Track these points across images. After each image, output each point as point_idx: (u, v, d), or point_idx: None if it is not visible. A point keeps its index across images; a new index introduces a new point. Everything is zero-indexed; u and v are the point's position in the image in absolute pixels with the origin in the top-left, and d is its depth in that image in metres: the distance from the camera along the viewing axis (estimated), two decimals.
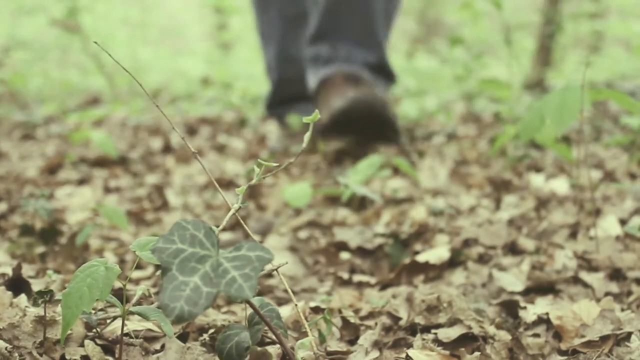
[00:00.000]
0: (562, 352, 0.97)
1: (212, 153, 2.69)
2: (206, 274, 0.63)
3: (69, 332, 0.90)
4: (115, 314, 0.95)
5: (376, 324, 1.02)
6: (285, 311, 1.08)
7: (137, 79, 0.86)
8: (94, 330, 0.92)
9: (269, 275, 1.12)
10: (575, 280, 1.20)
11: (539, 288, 1.19)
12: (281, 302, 1.20)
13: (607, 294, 1.14)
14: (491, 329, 0.99)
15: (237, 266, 0.63)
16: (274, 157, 2.39)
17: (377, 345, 0.98)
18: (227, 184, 2.12)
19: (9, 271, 1.15)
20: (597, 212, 1.53)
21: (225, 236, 1.58)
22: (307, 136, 0.86)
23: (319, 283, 1.32)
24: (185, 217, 0.67)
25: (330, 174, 2.11)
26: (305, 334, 0.81)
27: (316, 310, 1.09)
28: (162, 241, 0.64)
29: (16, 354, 0.84)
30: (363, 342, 0.96)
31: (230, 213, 0.84)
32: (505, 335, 0.99)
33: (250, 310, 0.80)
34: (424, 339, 0.95)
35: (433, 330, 0.99)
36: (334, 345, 0.94)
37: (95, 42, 0.89)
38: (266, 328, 1.01)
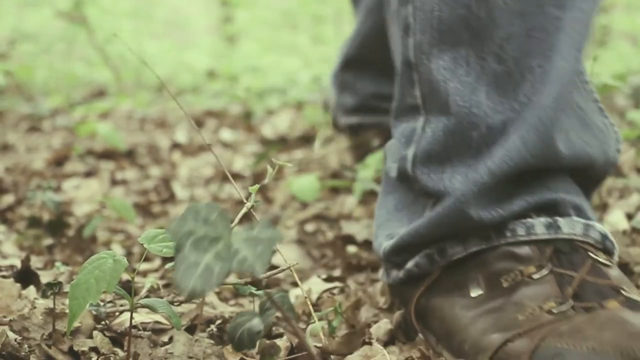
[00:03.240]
0: None
1: (218, 145, 2.69)
2: (218, 253, 0.65)
3: (78, 324, 0.91)
4: (124, 306, 0.95)
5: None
6: (292, 300, 1.08)
7: (143, 72, 0.86)
8: (103, 322, 0.93)
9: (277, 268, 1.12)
10: None
11: None
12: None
13: None
14: None
15: (249, 246, 0.64)
16: (277, 147, 2.39)
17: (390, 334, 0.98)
18: (233, 177, 2.12)
19: (17, 263, 1.15)
20: (604, 207, 1.53)
21: (235, 229, 1.58)
22: (317, 144, 0.86)
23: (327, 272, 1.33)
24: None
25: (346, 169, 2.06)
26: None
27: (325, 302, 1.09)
28: (176, 222, 0.66)
29: (25, 346, 0.84)
30: (375, 331, 0.97)
31: (243, 211, 0.84)
32: None
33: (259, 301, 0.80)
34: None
35: None
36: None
37: (115, 34, 0.89)
38: (274, 321, 1.01)
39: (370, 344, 0.87)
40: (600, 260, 0.85)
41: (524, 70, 0.89)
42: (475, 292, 0.87)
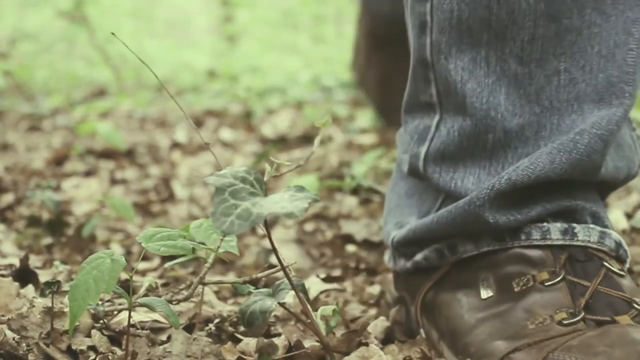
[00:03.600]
0: None
1: (218, 145, 2.69)
2: (256, 201, 0.67)
3: (77, 323, 0.91)
4: (122, 305, 0.95)
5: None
6: (291, 299, 1.09)
7: (143, 71, 0.86)
8: (101, 321, 0.93)
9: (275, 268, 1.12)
10: None
11: None
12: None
13: None
14: None
15: (285, 199, 0.68)
16: (277, 147, 2.39)
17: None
18: None
19: (16, 262, 1.15)
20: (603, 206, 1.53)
21: None
22: (317, 140, 0.86)
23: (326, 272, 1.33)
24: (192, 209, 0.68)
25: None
26: (311, 325, 0.81)
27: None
28: (215, 176, 0.69)
29: (23, 345, 0.84)
30: (372, 329, 0.97)
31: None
32: None
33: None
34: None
35: None
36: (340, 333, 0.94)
37: (113, 34, 0.89)
38: (272, 321, 1.01)
39: (367, 344, 0.87)
40: (614, 269, 0.84)
41: (549, 74, 0.86)
42: (485, 294, 0.86)
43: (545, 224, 0.86)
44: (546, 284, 0.82)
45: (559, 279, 0.82)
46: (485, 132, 0.89)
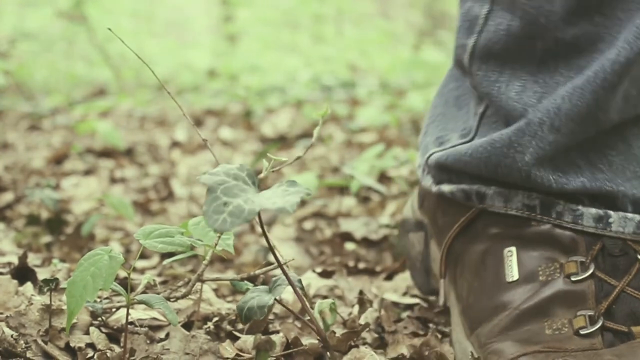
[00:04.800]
0: None
1: (218, 144, 2.69)
2: (248, 198, 0.67)
3: (75, 320, 0.91)
4: (121, 302, 0.95)
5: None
6: (289, 297, 1.09)
7: (143, 71, 0.87)
8: (99, 318, 0.93)
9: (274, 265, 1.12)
10: None
11: None
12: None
13: None
14: None
15: (278, 195, 0.68)
16: (277, 146, 2.39)
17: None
18: None
19: (14, 260, 1.15)
20: None
21: None
22: (316, 130, 0.86)
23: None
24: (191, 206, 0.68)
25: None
26: (310, 322, 0.81)
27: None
28: (208, 174, 0.70)
29: (22, 342, 0.84)
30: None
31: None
32: None
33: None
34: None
35: None
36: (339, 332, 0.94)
37: (109, 29, 0.89)
38: (271, 318, 1.01)
39: (357, 346, 0.87)
40: None
41: None
42: (509, 276, 0.82)
43: (579, 207, 0.81)
44: (573, 278, 0.79)
45: (587, 275, 0.78)
46: (533, 37, 0.82)
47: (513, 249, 0.83)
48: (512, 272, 0.82)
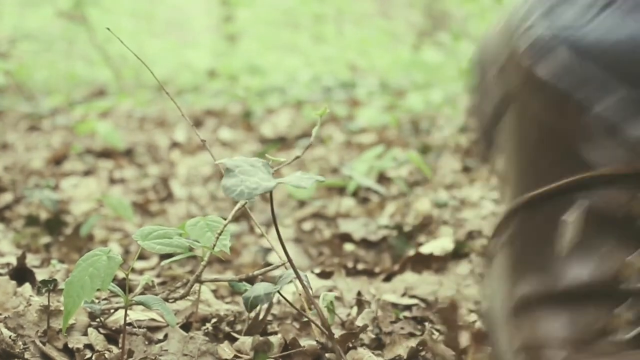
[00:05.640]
0: None
1: (217, 145, 2.69)
2: (265, 177, 0.72)
3: (73, 321, 0.91)
4: (119, 303, 0.95)
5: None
6: (288, 297, 1.09)
7: (143, 71, 0.87)
8: (98, 319, 0.93)
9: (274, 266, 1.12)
10: None
11: None
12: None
13: None
14: None
15: (293, 178, 0.72)
16: (276, 146, 2.39)
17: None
18: None
19: (13, 261, 1.15)
20: None
21: (232, 228, 1.58)
22: (315, 129, 0.86)
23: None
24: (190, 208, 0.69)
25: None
26: (307, 323, 0.82)
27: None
28: (227, 158, 0.73)
29: (20, 343, 0.84)
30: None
31: (237, 207, 0.84)
32: None
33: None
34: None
35: None
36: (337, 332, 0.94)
37: (108, 29, 0.89)
38: (269, 319, 1.01)
39: (355, 348, 0.87)
40: None
41: None
42: (564, 239, 0.68)
43: None
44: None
45: None
46: None
47: (576, 199, 0.69)
48: (568, 232, 0.69)
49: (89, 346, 0.87)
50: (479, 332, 0.80)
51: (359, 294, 1.04)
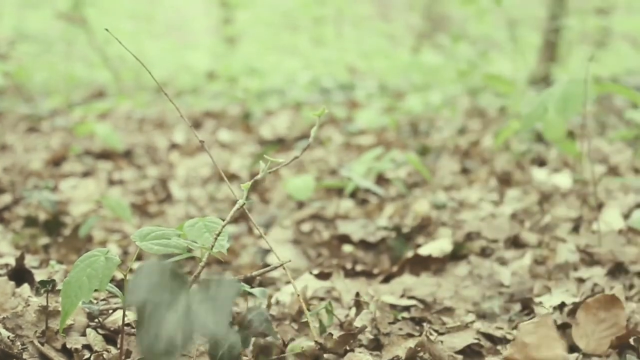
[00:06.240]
0: None
1: (216, 146, 2.69)
2: (179, 320, 0.64)
3: (71, 322, 0.91)
4: (117, 304, 0.95)
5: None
6: (287, 298, 1.09)
7: (142, 72, 0.87)
8: (96, 320, 0.93)
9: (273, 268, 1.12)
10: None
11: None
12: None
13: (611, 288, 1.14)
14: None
15: (207, 308, 0.64)
16: (275, 148, 2.39)
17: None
18: (230, 177, 2.13)
19: (12, 261, 1.15)
20: (600, 206, 1.53)
21: (230, 229, 1.58)
22: (314, 130, 0.86)
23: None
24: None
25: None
26: (306, 324, 0.82)
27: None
28: (130, 292, 0.64)
29: (18, 343, 0.84)
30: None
31: (235, 208, 0.84)
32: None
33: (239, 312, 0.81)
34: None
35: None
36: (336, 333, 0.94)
37: (107, 30, 0.89)
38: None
39: (353, 350, 0.87)
40: None
41: None
42: None
43: None
44: None
45: None
46: None
47: None
48: None
49: (88, 346, 0.87)
50: None
51: (358, 295, 1.04)
